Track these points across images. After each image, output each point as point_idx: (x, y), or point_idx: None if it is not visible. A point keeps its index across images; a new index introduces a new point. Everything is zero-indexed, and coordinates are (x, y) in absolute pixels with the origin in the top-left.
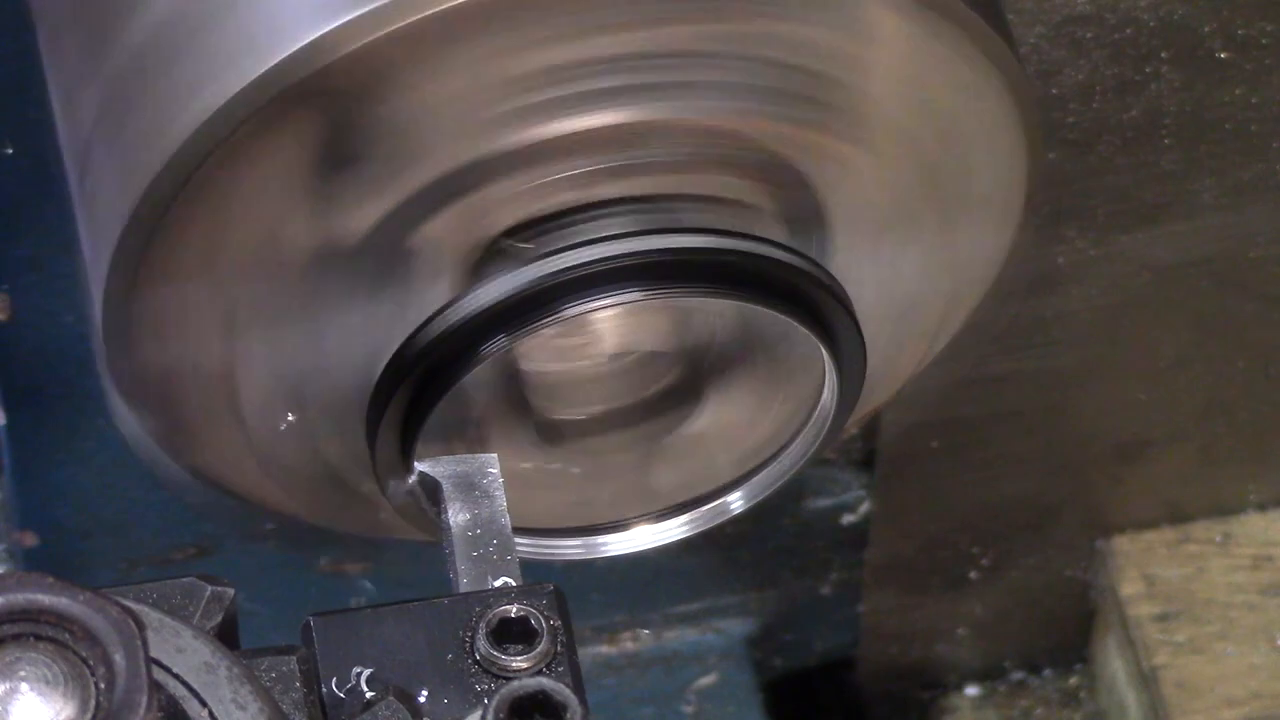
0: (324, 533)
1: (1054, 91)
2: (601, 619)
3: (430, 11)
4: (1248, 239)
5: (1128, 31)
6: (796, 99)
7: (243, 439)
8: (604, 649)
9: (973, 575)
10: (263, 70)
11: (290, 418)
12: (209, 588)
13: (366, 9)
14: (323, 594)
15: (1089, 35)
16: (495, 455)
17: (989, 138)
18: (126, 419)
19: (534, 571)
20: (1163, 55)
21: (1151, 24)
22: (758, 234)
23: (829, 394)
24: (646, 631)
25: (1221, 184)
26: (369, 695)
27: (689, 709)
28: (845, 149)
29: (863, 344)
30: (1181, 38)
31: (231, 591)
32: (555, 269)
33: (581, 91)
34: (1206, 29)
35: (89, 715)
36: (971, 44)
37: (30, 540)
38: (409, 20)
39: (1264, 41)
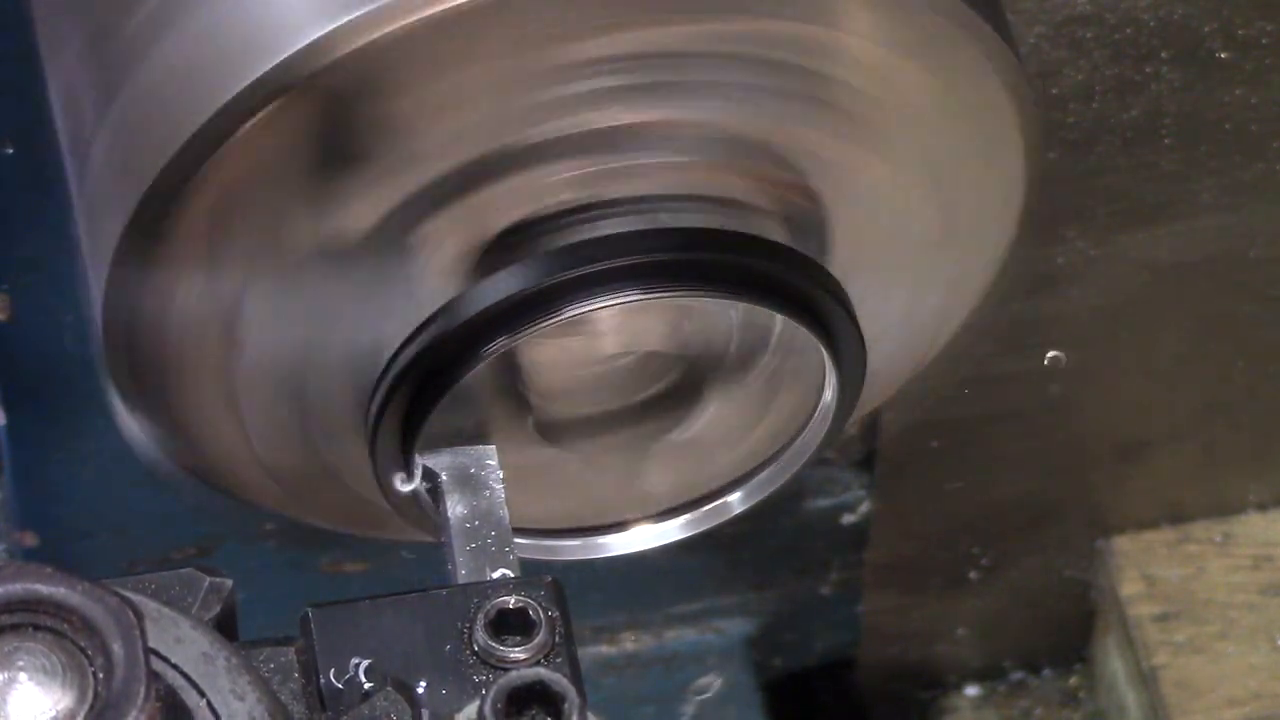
0: (324, 533)
1: (1054, 91)
2: (601, 619)
3: (430, 12)
4: (1248, 239)
5: (1128, 31)
6: (795, 99)
7: (243, 439)
8: (604, 649)
9: (973, 575)
10: (263, 70)
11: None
12: (207, 579)
13: (366, 9)
14: (323, 594)
15: (1089, 35)
16: (494, 447)
17: (988, 137)
18: (128, 419)
19: (534, 571)
20: (1163, 55)
21: (1151, 24)
22: (758, 234)
23: (829, 394)
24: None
25: (1221, 184)
26: (367, 686)
27: (689, 709)
28: (845, 148)
29: (863, 344)
30: (1181, 38)
31: (230, 583)
32: (555, 269)
33: (580, 92)
34: (1206, 29)
35: (87, 705)
36: (971, 44)
37: (30, 540)
38: (409, 20)
39: (1264, 41)
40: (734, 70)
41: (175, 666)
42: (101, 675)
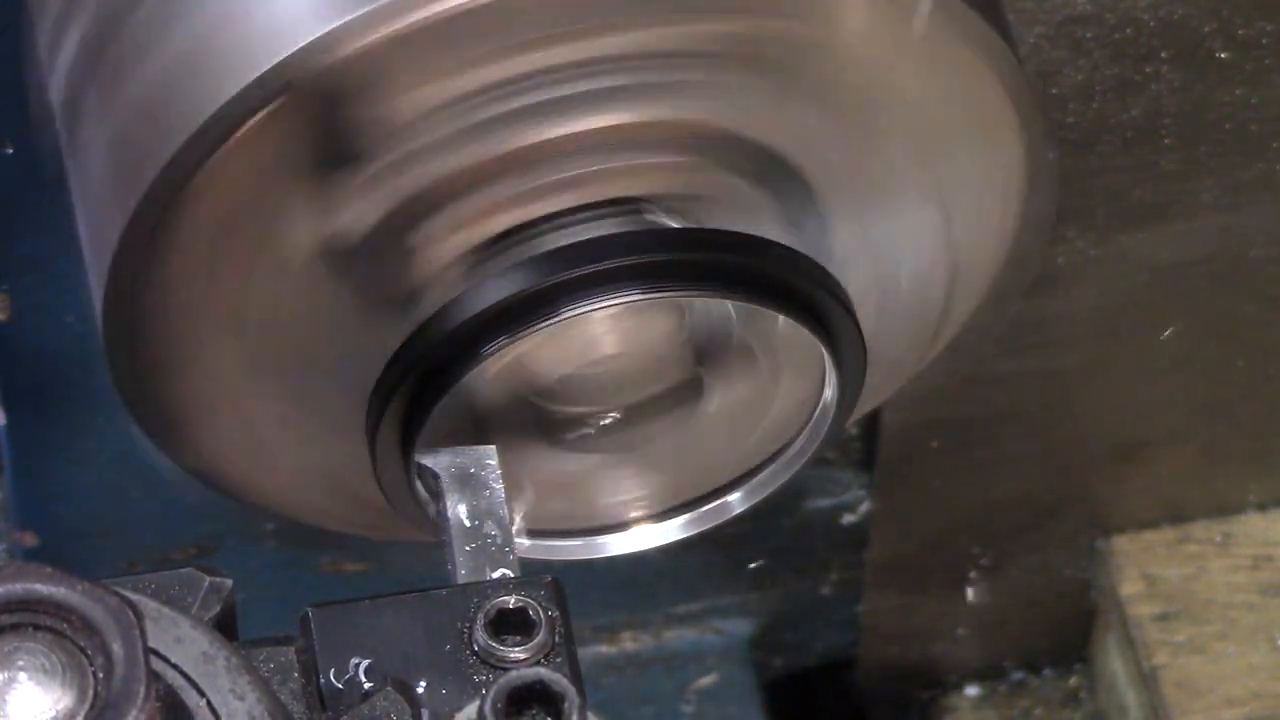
0: (324, 533)
1: (1054, 91)
2: (601, 619)
3: (429, 12)
4: (1248, 239)
5: (1128, 31)
6: (794, 99)
7: (243, 439)
8: (604, 649)
9: (973, 575)
10: (263, 70)
11: None
12: (207, 579)
13: (366, 9)
14: (323, 594)
15: (1089, 35)
16: (493, 447)
17: (988, 136)
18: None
19: (534, 571)
20: (1163, 55)
21: (1151, 24)
22: (757, 234)
23: (829, 393)
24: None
25: (1221, 184)
26: (367, 686)
27: (689, 709)
28: (844, 148)
29: (863, 344)
30: (1181, 38)
31: (230, 582)
32: (554, 270)
33: (580, 92)
34: (1206, 29)
35: (87, 705)
36: (972, 44)
37: (30, 540)
38: (408, 21)
39: (1264, 41)
40: (732, 70)
41: (175, 666)
42: (101, 675)
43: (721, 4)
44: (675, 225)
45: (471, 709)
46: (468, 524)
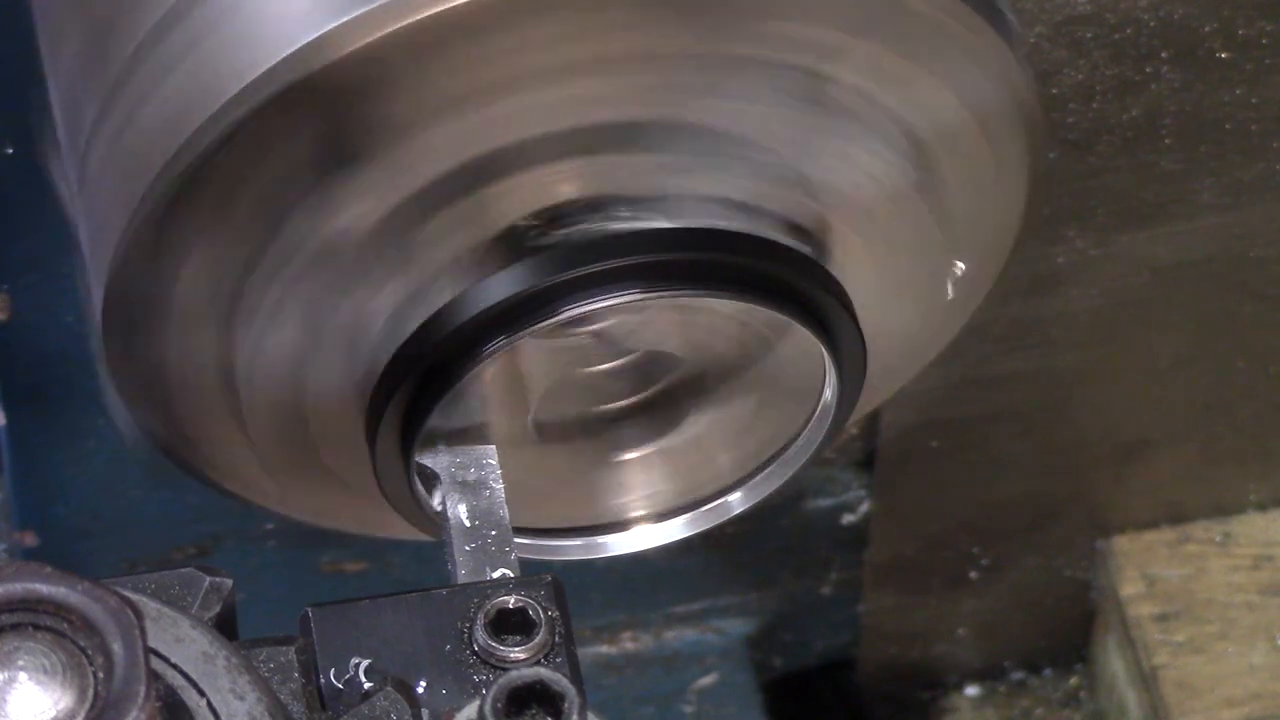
0: (324, 533)
1: (1054, 91)
2: (601, 619)
3: (429, 12)
4: (1248, 239)
5: (1128, 31)
6: (793, 99)
7: (243, 438)
8: (604, 649)
9: (973, 575)
10: (263, 70)
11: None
12: (207, 578)
13: (366, 9)
14: (323, 594)
15: (1089, 35)
16: (493, 447)
17: (989, 135)
18: (124, 416)
19: (534, 571)
20: (1163, 55)
21: (1151, 24)
22: (758, 234)
23: (829, 393)
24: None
25: (1221, 184)
26: (367, 686)
27: (689, 709)
28: (843, 149)
29: (863, 344)
30: (1181, 38)
31: (230, 582)
32: (555, 269)
33: (580, 92)
34: (1206, 29)
35: (87, 705)
36: (971, 41)
37: (30, 540)
38: (408, 20)
39: (1264, 41)
40: (732, 70)
41: (175, 666)
42: (101, 675)
43: (724, 5)
44: (675, 225)
45: (471, 709)
46: (468, 524)
